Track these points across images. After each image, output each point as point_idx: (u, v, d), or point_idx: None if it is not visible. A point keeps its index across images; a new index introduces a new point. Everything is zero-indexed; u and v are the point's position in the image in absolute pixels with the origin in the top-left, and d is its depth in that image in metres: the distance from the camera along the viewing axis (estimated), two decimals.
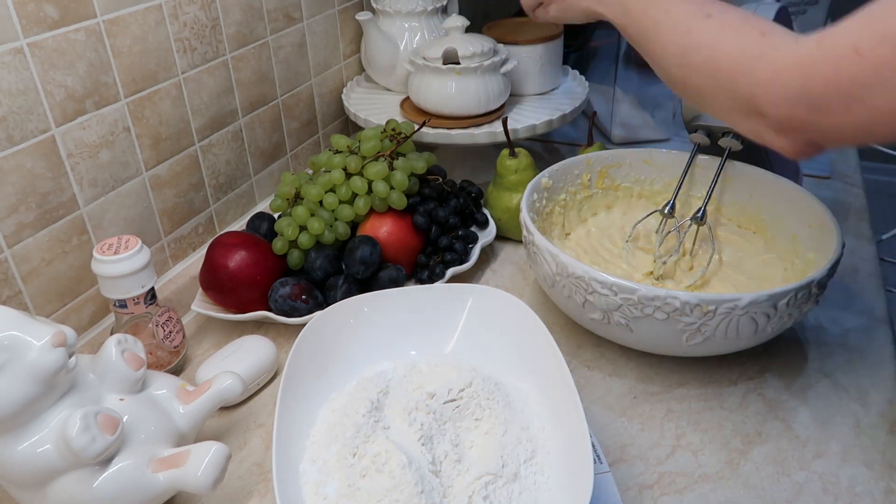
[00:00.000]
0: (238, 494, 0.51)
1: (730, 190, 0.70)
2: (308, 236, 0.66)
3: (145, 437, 0.45)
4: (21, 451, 0.41)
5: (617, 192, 0.75)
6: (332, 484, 0.46)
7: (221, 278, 0.63)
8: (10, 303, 0.54)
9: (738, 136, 0.67)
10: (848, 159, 0.93)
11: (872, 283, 0.69)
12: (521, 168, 0.74)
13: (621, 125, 0.98)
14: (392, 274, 0.66)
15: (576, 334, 0.64)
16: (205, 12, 0.67)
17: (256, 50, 0.76)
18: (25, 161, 0.53)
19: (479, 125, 0.83)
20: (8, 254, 0.53)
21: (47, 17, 0.53)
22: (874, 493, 0.48)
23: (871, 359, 0.60)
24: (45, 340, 0.40)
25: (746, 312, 0.50)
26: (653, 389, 0.58)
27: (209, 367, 0.58)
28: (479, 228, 0.75)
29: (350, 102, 0.90)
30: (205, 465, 0.43)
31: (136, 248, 0.55)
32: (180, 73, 0.66)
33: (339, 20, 0.90)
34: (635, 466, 0.51)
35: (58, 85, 0.54)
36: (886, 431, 0.53)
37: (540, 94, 0.92)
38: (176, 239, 0.70)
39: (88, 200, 0.59)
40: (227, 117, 0.73)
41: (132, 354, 0.47)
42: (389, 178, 0.67)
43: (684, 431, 0.54)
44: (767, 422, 0.55)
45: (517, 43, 0.88)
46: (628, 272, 0.67)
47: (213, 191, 0.74)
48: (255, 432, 0.56)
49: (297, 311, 0.63)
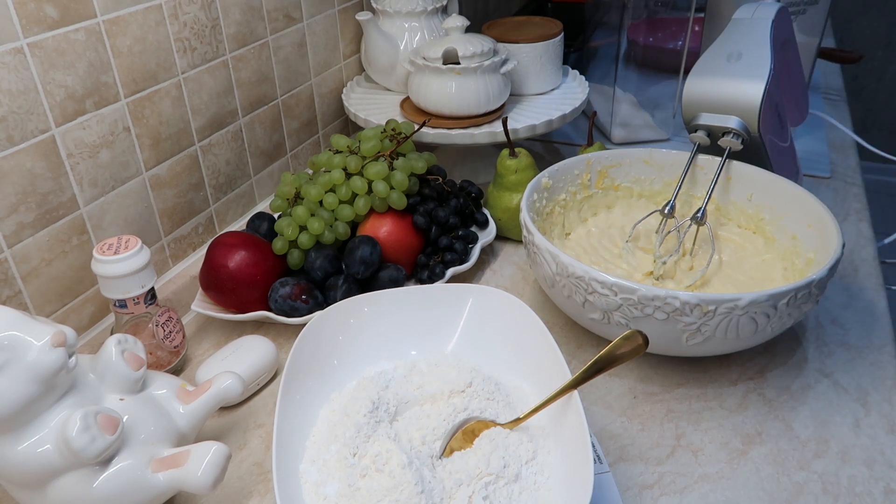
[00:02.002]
0: (238, 494, 0.51)
1: (730, 190, 0.70)
2: (308, 236, 0.66)
3: (145, 437, 0.45)
4: (21, 451, 0.41)
5: (617, 192, 0.75)
6: (332, 484, 0.46)
7: (221, 278, 0.63)
8: (10, 303, 0.54)
9: (738, 136, 0.67)
10: (848, 159, 0.93)
11: (872, 283, 0.69)
12: (521, 168, 0.74)
13: (621, 125, 0.98)
14: (392, 274, 0.66)
15: (576, 334, 0.64)
16: (205, 12, 0.67)
17: (256, 50, 0.76)
18: (25, 161, 0.53)
19: (479, 125, 0.83)
20: (8, 254, 0.54)
21: (47, 17, 0.53)
22: (874, 493, 0.48)
23: (871, 359, 0.60)
24: (45, 340, 0.40)
25: (746, 312, 0.50)
26: (653, 389, 0.58)
27: (209, 367, 0.58)
28: (479, 228, 0.75)
29: (350, 102, 0.90)
30: (205, 465, 0.43)
31: (136, 248, 0.55)
32: (180, 73, 0.66)
33: (339, 20, 0.90)
34: (635, 466, 0.51)
35: (58, 85, 0.54)
36: (886, 431, 0.53)
37: (540, 94, 0.93)
38: (176, 239, 0.70)
39: (88, 200, 0.59)
40: (227, 117, 0.73)
41: (132, 354, 0.47)
42: (389, 178, 0.67)
43: (684, 431, 0.54)
44: (767, 422, 0.55)
45: (517, 43, 0.88)
46: (628, 272, 0.67)
47: (213, 191, 0.74)
48: (255, 432, 0.56)
49: (297, 311, 0.63)
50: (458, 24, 0.83)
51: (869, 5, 2.03)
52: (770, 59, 0.66)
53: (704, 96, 0.68)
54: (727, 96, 0.66)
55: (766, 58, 0.66)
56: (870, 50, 2.05)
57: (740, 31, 0.70)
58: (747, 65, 0.67)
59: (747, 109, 0.66)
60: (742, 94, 0.66)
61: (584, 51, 1.15)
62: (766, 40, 0.67)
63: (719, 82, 0.67)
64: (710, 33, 0.85)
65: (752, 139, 0.67)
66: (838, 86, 1.15)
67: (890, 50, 2.07)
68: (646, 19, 0.99)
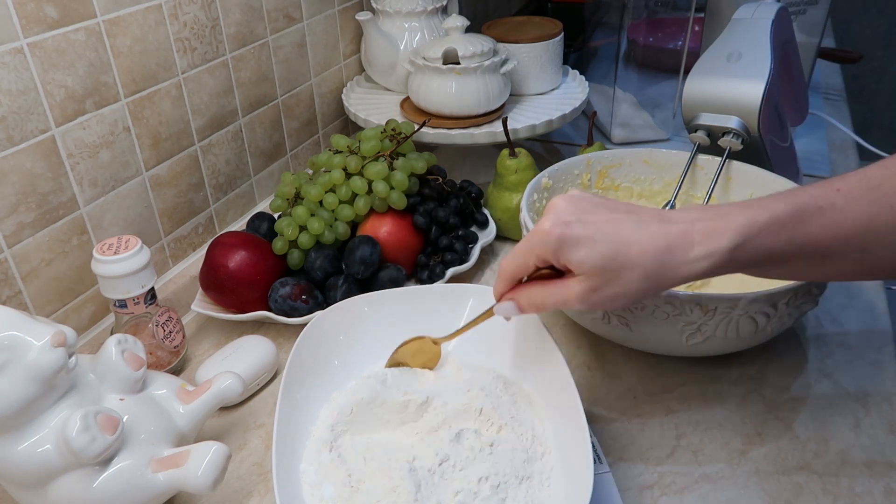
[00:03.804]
0: (238, 494, 0.51)
1: (730, 190, 0.70)
2: (308, 236, 0.66)
3: (145, 437, 0.45)
4: (21, 451, 0.41)
5: (617, 192, 0.75)
6: (331, 484, 0.46)
7: (221, 278, 0.63)
8: (10, 303, 0.54)
9: (738, 136, 0.67)
10: (848, 159, 0.93)
11: (872, 284, 0.69)
12: (521, 168, 0.74)
13: (621, 125, 0.98)
14: (392, 274, 0.66)
15: (576, 334, 0.64)
16: (205, 12, 0.67)
17: (256, 50, 0.76)
18: (25, 161, 0.53)
19: (479, 125, 0.83)
20: (8, 254, 0.53)
21: (47, 17, 0.53)
22: (874, 493, 0.48)
23: (871, 359, 0.60)
24: (45, 340, 0.40)
25: (746, 312, 0.50)
26: (653, 389, 0.58)
27: (209, 367, 0.58)
28: (479, 228, 0.75)
29: (350, 102, 0.90)
30: (205, 465, 0.43)
31: (136, 248, 0.55)
32: (180, 73, 0.66)
33: (339, 20, 0.90)
34: (635, 466, 0.51)
35: (58, 85, 0.54)
36: (886, 431, 0.53)
37: (540, 94, 0.93)
38: (176, 239, 0.70)
39: (88, 200, 0.59)
40: (227, 117, 0.73)
41: (132, 354, 0.47)
42: (389, 178, 0.67)
43: (684, 431, 0.54)
44: (767, 422, 0.55)
45: (517, 43, 0.88)
46: None
47: (213, 191, 0.74)
48: (255, 432, 0.56)
49: (297, 311, 0.63)
50: (458, 24, 0.83)
51: (869, 5, 2.03)
52: (770, 59, 0.66)
53: (704, 96, 0.68)
54: (727, 96, 0.66)
55: (766, 58, 0.66)
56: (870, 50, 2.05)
57: (740, 31, 0.70)
58: (747, 65, 0.67)
59: (747, 109, 0.66)
60: (742, 94, 0.66)
61: (584, 51, 1.15)
62: (766, 40, 0.67)
63: (719, 82, 0.67)
64: (710, 33, 0.85)
65: (752, 139, 0.67)
66: (838, 86, 1.15)
67: (890, 50, 2.07)
68: (646, 19, 0.99)
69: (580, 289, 0.40)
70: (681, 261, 0.39)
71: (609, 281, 0.40)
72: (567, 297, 0.41)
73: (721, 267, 0.40)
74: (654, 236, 0.39)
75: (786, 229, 0.39)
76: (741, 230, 0.39)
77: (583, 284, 0.40)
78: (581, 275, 0.40)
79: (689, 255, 0.39)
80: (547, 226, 0.40)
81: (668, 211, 0.42)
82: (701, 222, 0.40)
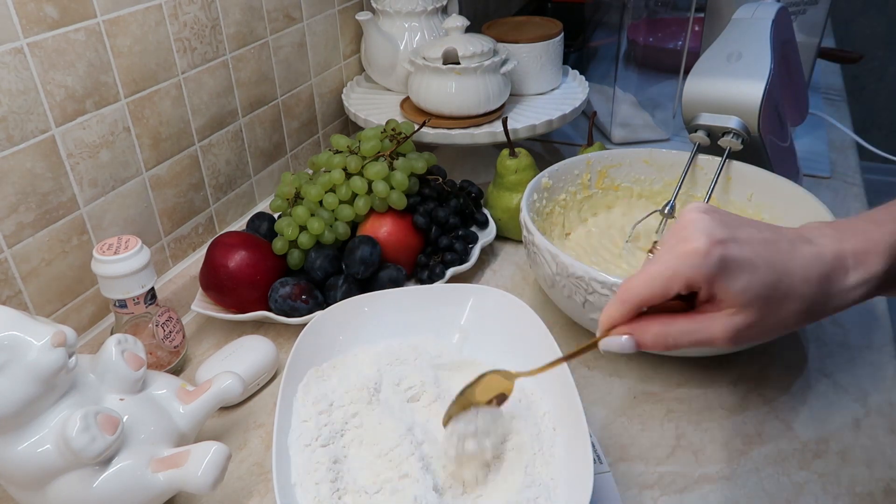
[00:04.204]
0: (238, 494, 0.51)
1: (730, 190, 0.70)
2: (308, 236, 0.66)
3: (145, 437, 0.45)
4: (21, 451, 0.41)
5: (617, 192, 0.75)
6: (330, 484, 0.45)
7: (221, 278, 0.63)
8: (10, 303, 0.54)
9: (738, 136, 0.67)
10: (848, 159, 0.93)
11: None
12: (521, 168, 0.74)
13: (621, 125, 0.98)
14: (392, 274, 0.66)
15: (576, 334, 0.64)
16: (205, 12, 0.67)
17: (256, 50, 0.76)
18: (25, 161, 0.53)
19: (479, 125, 0.83)
20: (8, 254, 0.53)
21: (47, 17, 0.53)
22: (874, 493, 0.48)
23: (871, 359, 0.60)
24: (45, 340, 0.40)
25: None
26: (653, 389, 0.58)
27: (209, 367, 0.58)
28: (479, 228, 0.75)
29: (350, 102, 0.90)
30: (205, 465, 0.43)
31: (136, 248, 0.55)
32: (180, 73, 0.66)
33: (339, 20, 0.90)
34: (635, 466, 0.51)
35: (58, 85, 0.54)
36: (886, 431, 0.53)
37: (540, 94, 0.93)
38: (176, 239, 0.70)
39: (88, 200, 0.59)
40: (227, 117, 0.73)
41: (132, 354, 0.47)
42: (389, 178, 0.67)
43: (684, 431, 0.54)
44: (767, 422, 0.55)
45: (517, 43, 0.88)
46: (628, 272, 0.67)
47: (213, 191, 0.74)
48: (255, 432, 0.56)
49: (297, 311, 0.63)
50: (458, 24, 0.83)
51: (869, 5, 2.03)
52: (770, 59, 0.66)
53: (704, 96, 0.68)
54: (727, 96, 0.66)
55: (766, 58, 0.66)
56: (870, 50, 2.05)
57: (740, 31, 0.70)
58: (747, 65, 0.67)
59: (747, 109, 0.66)
60: (742, 94, 0.66)
61: (584, 51, 1.15)
62: (766, 40, 0.67)
63: (719, 82, 0.67)
64: (710, 33, 0.85)
65: (752, 139, 0.67)
66: (838, 86, 1.15)
67: (890, 50, 2.07)
68: (646, 19, 0.99)
69: (733, 324, 0.33)
70: (839, 289, 0.34)
71: (767, 315, 0.33)
72: (713, 336, 0.34)
73: (873, 293, 0.35)
74: (810, 261, 0.34)
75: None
76: (890, 251, 0.34)
77: (736, 319, 0.33)
78: (734, 307, 0.33)
79: (847, 283, 0.34)
80: (702, 245, 0.33)
81: (805, 230, 0.37)
82: (848, 244, 0.35)
